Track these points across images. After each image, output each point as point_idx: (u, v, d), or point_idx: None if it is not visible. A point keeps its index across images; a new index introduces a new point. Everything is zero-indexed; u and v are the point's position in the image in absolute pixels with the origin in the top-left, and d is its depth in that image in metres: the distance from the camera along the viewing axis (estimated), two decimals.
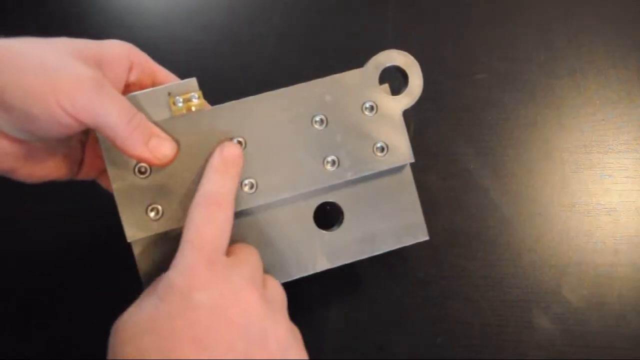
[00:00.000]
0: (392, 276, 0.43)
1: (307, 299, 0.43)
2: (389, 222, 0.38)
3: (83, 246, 0.47)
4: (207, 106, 0.36)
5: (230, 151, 0.34)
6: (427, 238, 0.38)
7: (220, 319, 0.28)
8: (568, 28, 0.55)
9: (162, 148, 0.32)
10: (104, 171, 0.36)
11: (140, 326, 0.28)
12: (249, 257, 0.32)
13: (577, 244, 0.43)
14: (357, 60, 0.55)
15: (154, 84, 0.35)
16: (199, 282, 0.29)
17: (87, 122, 0.29)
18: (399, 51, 0.36)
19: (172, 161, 0.33)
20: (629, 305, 0.41)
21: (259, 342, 0.29)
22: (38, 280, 0.45)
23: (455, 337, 0.41)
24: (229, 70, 0.55)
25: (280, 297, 0.33)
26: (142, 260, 0.35)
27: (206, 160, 0.34)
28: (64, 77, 0.28)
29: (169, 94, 0.34)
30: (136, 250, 0.35)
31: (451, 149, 0.49)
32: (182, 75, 0.37)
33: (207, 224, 0.30)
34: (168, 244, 0.35)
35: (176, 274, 0.29)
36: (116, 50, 0.32)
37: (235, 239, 0.36)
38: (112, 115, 0.29)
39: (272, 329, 0.29)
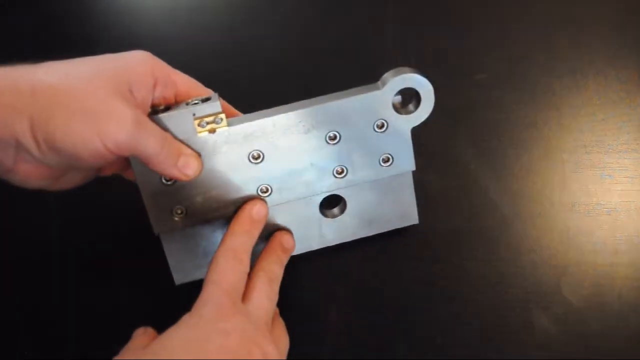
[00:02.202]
0: (392, 276, 0.43)
1: (307, 299, 0.43)
2: (386, 209, 0.42)
3: (83, 246, 0.47)
4: (238, 114, 0.40)
5: (258, 211, 0.39)
6: (417, 222, 0.43)
7: (244, 348, 0.32)
8: (568, 28, 0.55)
9: (189, 166, 0.36)
10: (128, 167, 0.38)
11: (175, 349, 0.31)
12: (263, 302, 0.36)
13: (577, 244, 0.43)
14: (357, 60, 0.55)
15: (176, 95, 0.37)
16: (225, 315, 0.33)
17: (127, 154, 0.33)
18: (415, 75, 0.36)
19: (198, 175, 0.37)
20: (629, 305, 0.41)
21: None
22: (38, 280, 0.45)
23: (455, 337, 0.41)
24: (229, 70, 0.55)
25: (285, 343, 0.37)
26: (169, 248, 0.41)
27: (227, 168, 0.38)
28: (108, 122, 0.31)
29: (194, 114, 0.35)
30: (164, 240, 0.40)
31: (451, 148, 0.49)
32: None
33: (230, 272, 0.35)
34: (190, 234, 0.40)
35: (204, 308, 0.33)
36: (141, 68, 0.34)
37: None
38: (149, 147, 0.33)
39: None
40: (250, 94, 0.54)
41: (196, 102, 0.36)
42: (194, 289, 0.36)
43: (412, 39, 0.56)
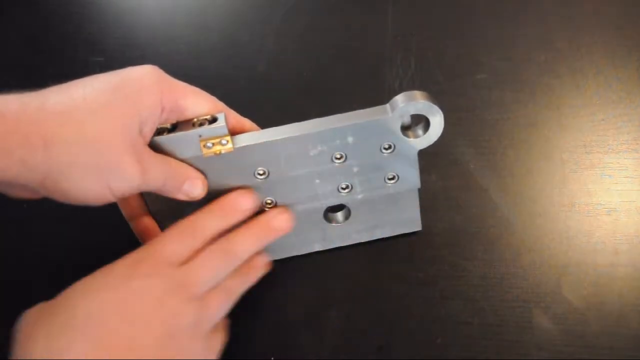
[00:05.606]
0: (392, 276, 0.43)
1: (307, 299, 0.43)
2: (390, 216, 0.43)
3: (83, 246, 0.47)
4: (257, 128, 0.39)
5: (243, 203, 0.38)
6: (420, 229, 0.44)
7: (155, 303, 0.32)
8: (568, 28, 0.55)
9: (194, 189, 0.37)
10: None
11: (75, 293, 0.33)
12: (200, 270, 0.35)
13: (577, 244, 0.43)
14: (357, 60, 0.55)
15: (183, 113, 0.36)
16: (141, 268, 0.33)
17: (132, 195, 0.36)
18: (426, 102, 0.36)
19: (204, 195, 0.37)
20: (629, 305, 0.41)
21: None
22: (37, 280, 0.45)
23: (455, 337, 0.41)
24: (229, 70, 0.55)
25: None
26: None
27: (232, 182, 0.38)
28: (120, 179, 0.32)
29: (200, 136, 0.36)
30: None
31: (451, 149, 0.49)
32: (183, 76, 0.37)
33: (176, 242, 0.35)
34: None
35: (125, 259, 0.34)
36: (151, 100, 0.34)
37: None
38: (153, 186, 0.35)
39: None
40: (250, 93, 0.54)
41: (203, 121, 0.35)
42: None
43: (412, 39, 0.56)
